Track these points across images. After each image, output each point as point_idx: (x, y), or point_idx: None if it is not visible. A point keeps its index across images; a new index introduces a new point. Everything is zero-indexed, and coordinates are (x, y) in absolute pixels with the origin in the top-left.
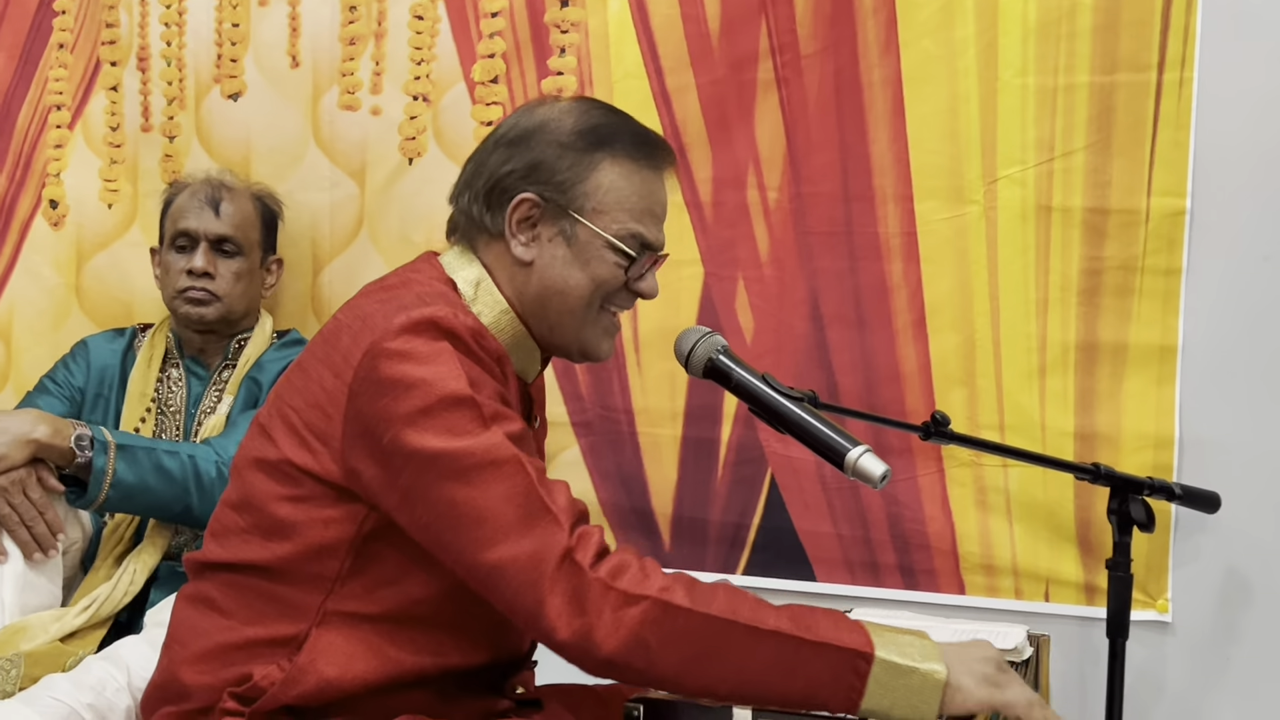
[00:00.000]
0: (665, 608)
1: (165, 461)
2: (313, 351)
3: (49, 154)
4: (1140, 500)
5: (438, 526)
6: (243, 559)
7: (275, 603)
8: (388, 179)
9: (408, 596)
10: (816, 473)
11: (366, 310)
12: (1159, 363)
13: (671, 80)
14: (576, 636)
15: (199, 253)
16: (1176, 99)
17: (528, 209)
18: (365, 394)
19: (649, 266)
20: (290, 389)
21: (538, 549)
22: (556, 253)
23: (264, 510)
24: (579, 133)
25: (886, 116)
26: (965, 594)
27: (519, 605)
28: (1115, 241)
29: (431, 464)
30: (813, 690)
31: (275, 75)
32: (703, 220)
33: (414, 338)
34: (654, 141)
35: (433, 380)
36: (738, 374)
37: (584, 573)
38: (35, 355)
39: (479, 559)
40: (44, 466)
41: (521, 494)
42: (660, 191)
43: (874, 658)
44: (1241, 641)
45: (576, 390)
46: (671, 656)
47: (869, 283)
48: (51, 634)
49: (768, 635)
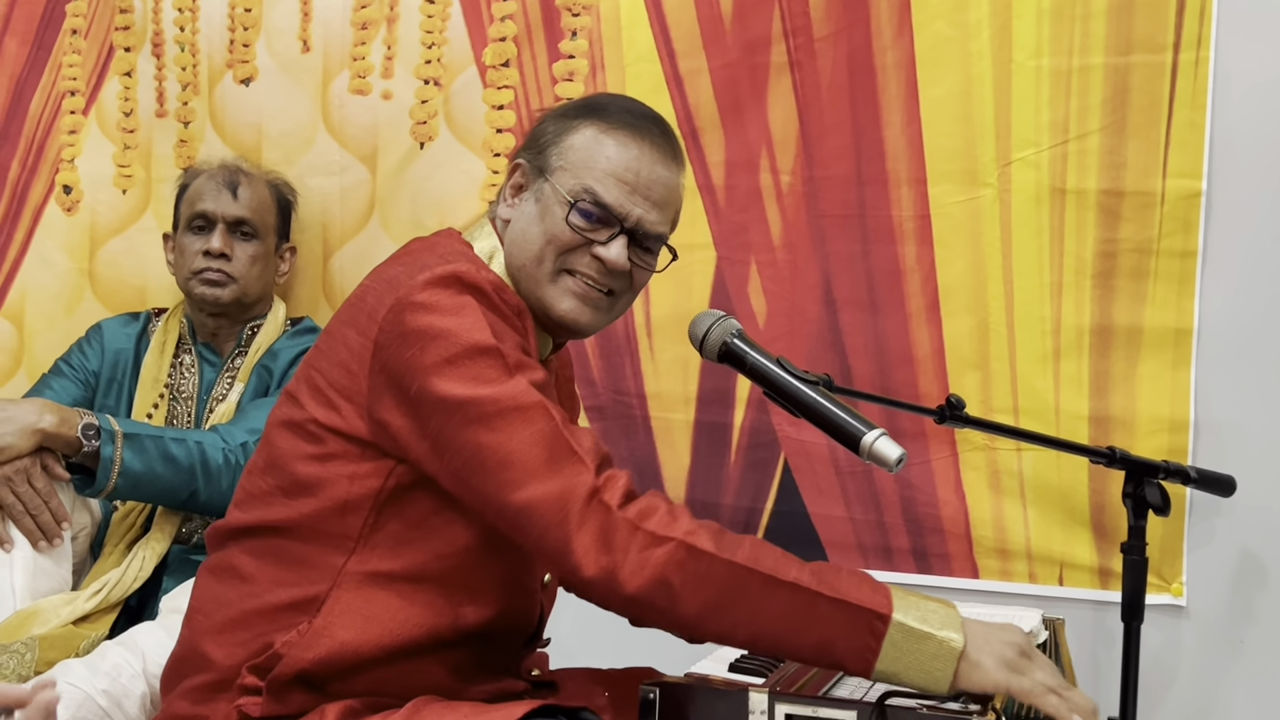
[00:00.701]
0: (690, 550)
1: (173, 449)
2: (339, 317)
3: (63, 140)
4: (1155, 484)
5: (466, 471)
6: (266, 520)
7: (297, 564)
8: (399, 164)
9: (429, 551)
10: (829, 456)
11: (391, 273)
12: (1174, 346)
13: (684, 64)
14: (602, 574)
15: (216, 234)
16: (1192, 79)
17: (519, 175)
18: (392, 346)
19: (614, 235)
20: (318, 354)
21: (565, 488)
22: (526, 209)
23: (288, 469)
24: (576, 105)
25: (900, 99)
26: (979, 578)
27: (547, 543)
28: (1130, 224)
29: (458, 410)
30: (828, 646)
31: (286, 60)
32: (715, 204)
33: (439, 291)
34: (644, 114)
35: (457, 330)
36: (752, 358)
37: (611, 512)
38: (48, 340)
39: (507, 500)
40: (50, 455)
41: (547, 437)
42: (639, 163)
43: (891, 619)
44: (1256, 624)
45: (589, 375)
46: (693, 599)
47: (882, 266)
48: (63, 617)
49: (787, 586)
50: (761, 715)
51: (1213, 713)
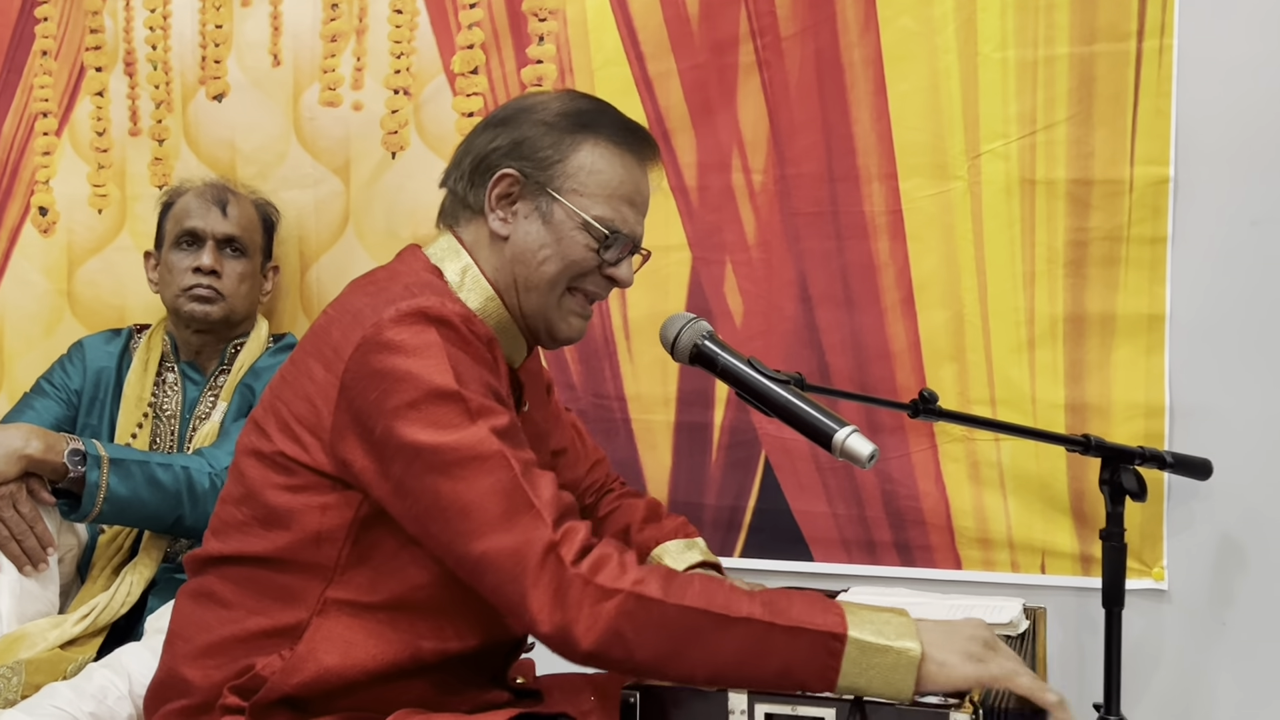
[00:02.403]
0: (639, 600)
1: (159, 474)
2: (303, 347)
3: (37, 161)
4: (1132, 470)
5: (425, 518)
6: (243, 551)
7: (276, 592)
8: (371, 174)
9: (407, 582)
10: (810, 453)
11: (356, 305)
12: (1147, 332)
13: (653, 66)
14: (557, 631)
15: (206, 250)
16: (1157, 66)
17: (508, 185)
18: (357, 387)
19: (625, 253)
20: (283, 384)
21: (521, 543)
22: (530, 228)
23: (262, 500)
24: (564, 114)
25: (868, 95)
26: (961, 569)
27: (503, 597)
28: (1100, 212)
29: (418, 457)
30: (788, 672)
31: (257, 75)
32: (689, 205)
33: (403, 329)
34: (638, 132)
35: (419, 374)
36: (723, 359)
37: (565, 568)
38: (28, 361)
39: (465, 550)
40: (36, 480)
41: (505, 489)
42: (641, 182)
43: (847, 637)
44: (1238, 606)
45: (568, 379)
46: (647, 646)
47: (856, 262)
48: (50, 641)
49: (740, 622)
50: (741, 715)
51: (1197, 695)
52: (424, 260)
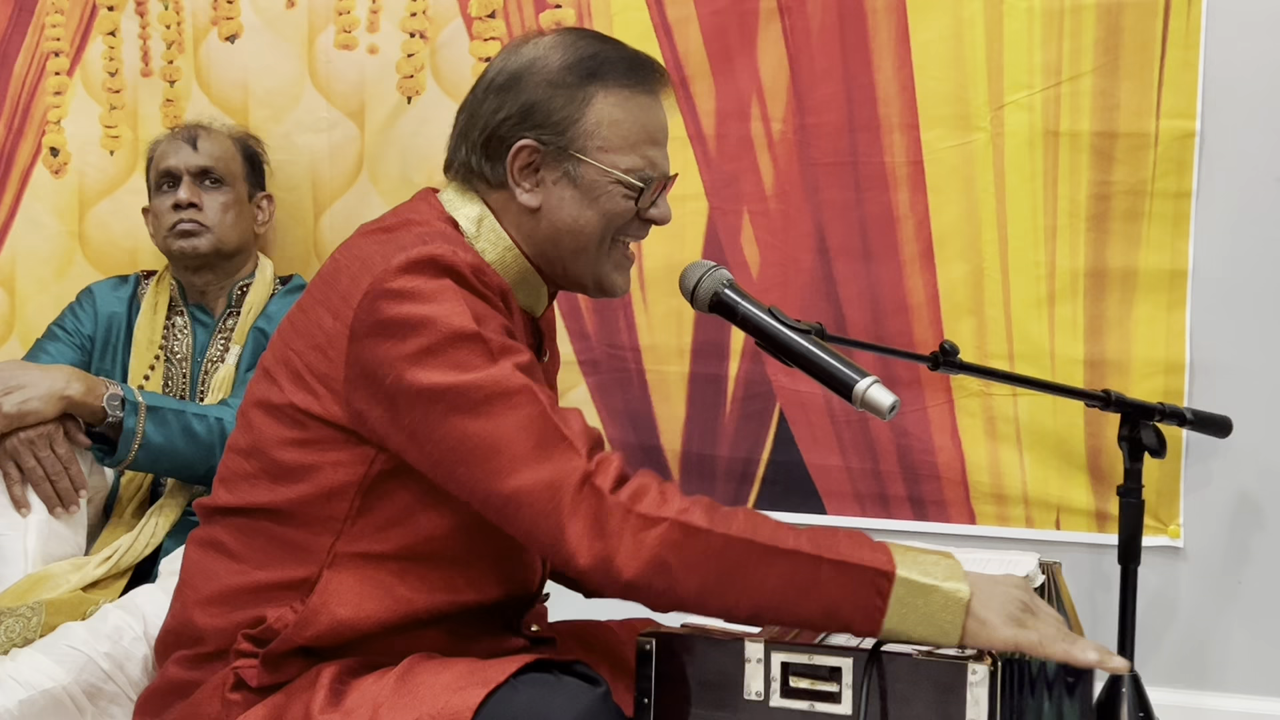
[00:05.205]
0: (684, 529)
1: (194, 424)
2: (311, 293)
3: (48, 101)
4: (1151, 426)
5: (450, 461)
6: (252, 503)
7: (285, 546)
8: (387, 119)
9: (418, 534)
10: (825, 406)
11: (365, 251)
12: (1169, 288)
13: (672, 11)
14: (598, 561)
15: (182, 185)
16: (1185, 18)
17: (528, 155)
18: (366, 336)
19: (659, 192)
20: (292, 330)
21: (555, 475)
22: (564, 194)
23: (271, 455)
24: (568, 68)
25: (891, 44)
26: (976, 524)
27: (539, 533)
28: (1124, 166)
29: (439, 399)
30: (833, 610)
31: (271, 16)
32: (706, 154)
33: (415, 277)
34: (644, 64)
35: (437, 318)
36: (744, 308)
37: (604, 497)
38: (40, 304)
39: (495, 489)
40: (72, 422)
41: (535, 422)
42: (659, 114)
43: (895, 576)
44: (1253, 565)
45: (583, 329)
46: (692, 577)
47: (875, 213)
48: (73, 583)
49: (786, 554)
50: (758, 664)
51: (1210, 653)
52: (438, 207)
